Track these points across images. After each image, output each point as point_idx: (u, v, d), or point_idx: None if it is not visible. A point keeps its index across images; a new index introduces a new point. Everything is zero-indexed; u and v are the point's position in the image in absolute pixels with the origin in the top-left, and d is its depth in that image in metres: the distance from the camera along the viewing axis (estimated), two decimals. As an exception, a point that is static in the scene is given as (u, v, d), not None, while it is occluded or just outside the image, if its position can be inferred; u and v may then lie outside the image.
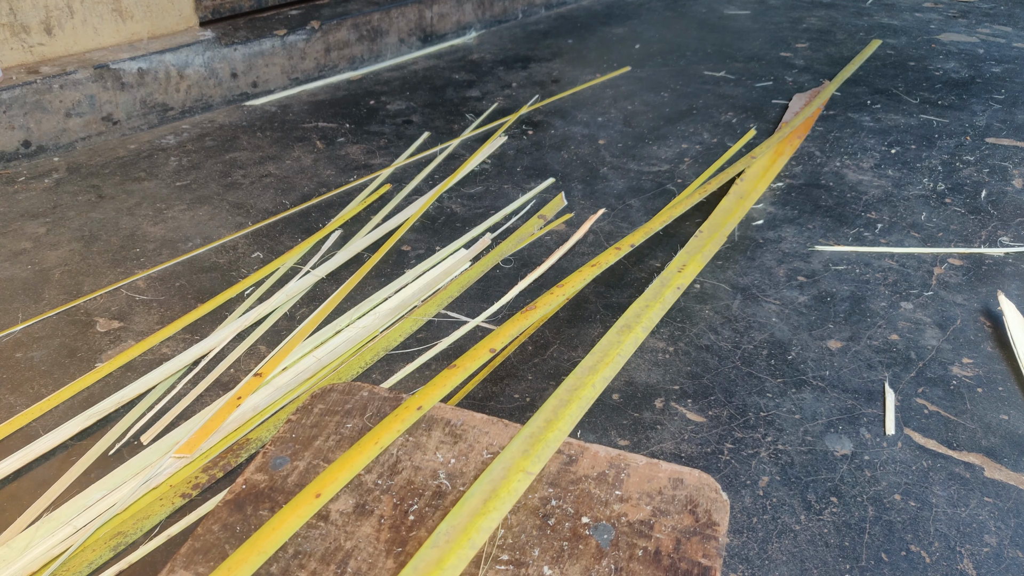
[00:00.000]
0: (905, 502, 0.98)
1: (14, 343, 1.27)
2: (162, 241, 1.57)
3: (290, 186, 1.81)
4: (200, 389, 1.17)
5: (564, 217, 1.65)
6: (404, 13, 2.67)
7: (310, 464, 0.92)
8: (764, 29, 3.03)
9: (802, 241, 1.57)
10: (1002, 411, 1.13)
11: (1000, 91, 2.35)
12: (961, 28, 3.01)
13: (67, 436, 1.08)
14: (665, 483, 0.88)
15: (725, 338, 1.28)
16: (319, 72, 2.48)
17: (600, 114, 2.22)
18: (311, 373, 1.20)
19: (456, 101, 2.32)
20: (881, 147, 1.99)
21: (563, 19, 3.21)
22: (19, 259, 1.51)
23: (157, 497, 0.98)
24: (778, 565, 0.90)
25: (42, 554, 0.90)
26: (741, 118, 2.17)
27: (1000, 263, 1.49)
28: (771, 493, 1.00)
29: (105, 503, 0.97)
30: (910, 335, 1.29)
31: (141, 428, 1.11)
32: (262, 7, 2.52)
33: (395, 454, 0.94)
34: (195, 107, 2.21)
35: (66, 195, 1.76)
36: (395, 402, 1.02)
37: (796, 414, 1.13)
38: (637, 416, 1.12)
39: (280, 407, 1.14)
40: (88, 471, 1.03)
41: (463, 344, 1.27)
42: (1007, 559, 0.91)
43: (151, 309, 1.36)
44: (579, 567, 0.79)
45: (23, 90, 1.86)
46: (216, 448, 1.06)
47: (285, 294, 1.38)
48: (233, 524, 0.84)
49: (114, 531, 0.94)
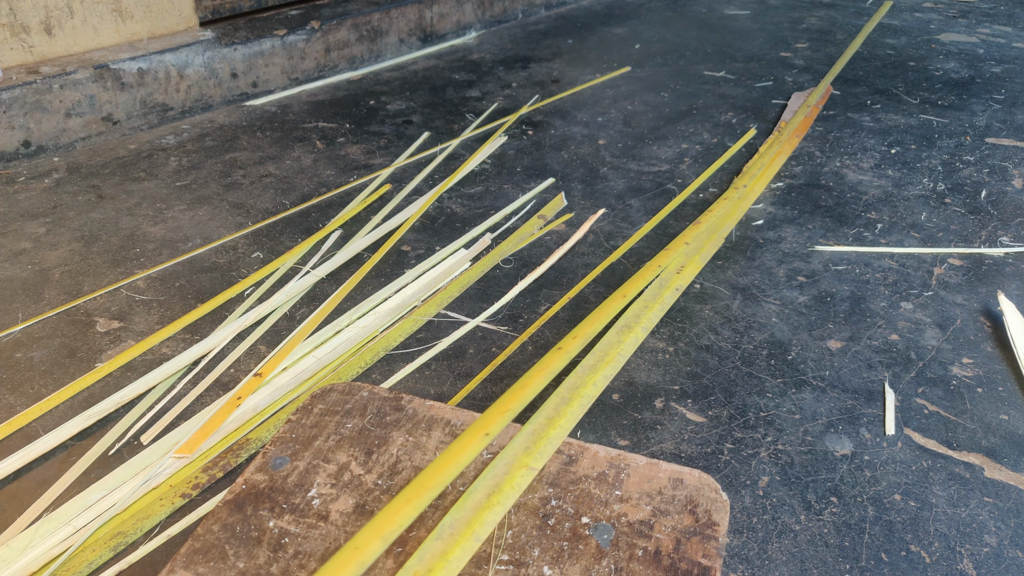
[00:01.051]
0: (905, 502, 0.98)
1: (14, 343, 1.27)
2: (162, 241, 1.57)
3: (290, 186, 1.81)
4: (200, 389, 1.17)
5: (564, 217, 1.64)
6: (404, 13, 2.67)
7: (310, 464, 0.92)
8: (764, 29, 3.03)
9: (802, 241, 1.57)
10: (1002, 411, 1.13)
11: (1000, 91, 2.35)
12: (961, 28, 3.01)
13: (67, 436, 1.08)
14: (665, 483, 0.88)
15: (725, 338, 1.28)
16: (319, 72, 2.48)
17: (600, 114, 2.22)
18: (311, 373, 1.20)
19: (456, 101, 2.32)
20: (881, 147, 1.99)
21: (563, 19, 3.20)
22: (19, 259, 1.51)
23: (157, 497, 0.99)
24: (778, 565, 0.90)
25: (42, 554, 0.90)
26: (741, 118, 2.17)
27: (1000, 263, 1.49)
28: (771, 493, 1.00)
29: (105, 503, 0.97)
30: (910, 335, 1.29)
31: (141, 428, 1.11)
32: (262, 7, 2.52)
33: (395, 454, 0.94)
34: (195, 107, 2.21)
35: (66, 195, 1.76)
36: (395, 402, 1.02)
37: (796, 414, 1.13)
38: (637, 416, 1.12)
39: (280, 407, 1.14)
40: (88, 471, 1.03)
41: (463, 344, 1.27)
42: (1007, 559, 0.91)
43: (151, 309, 1.36)
44: (579, 567, 0.79)
45: (23, 90, 1.86)
46: (216, 448, 1.06)
47: (285, 294, 1.38)
48: (233, 524, 0.84)
49: (114, 531, 0.94)
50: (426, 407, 1.01)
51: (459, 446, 0.92)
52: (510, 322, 1.32)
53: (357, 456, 0.93)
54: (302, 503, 0.87)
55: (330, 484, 0.89)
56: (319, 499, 0.87)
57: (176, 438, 1.07)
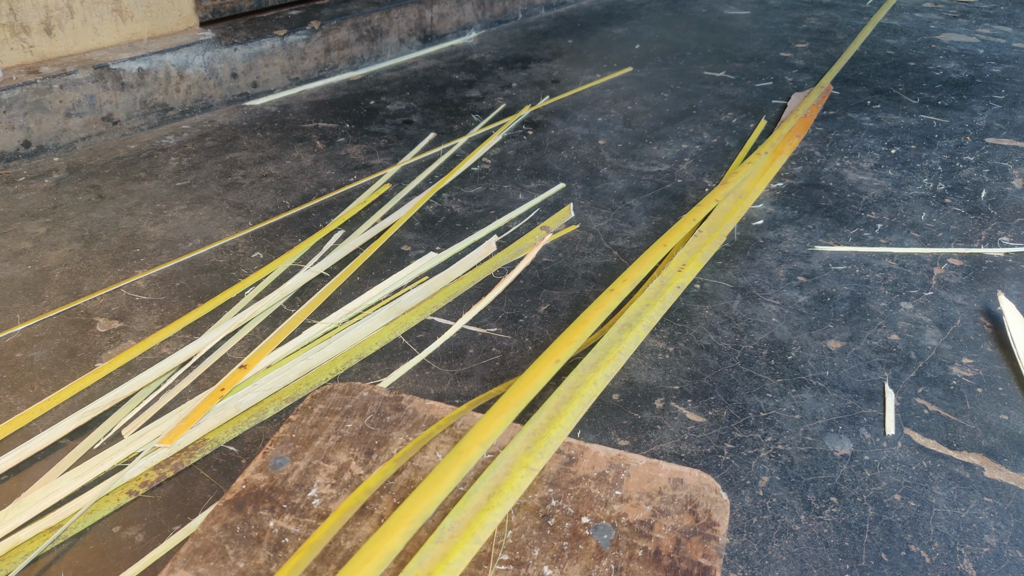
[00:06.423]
0: (905, 502, 0.98)
1: (14, 343, 1.27)
2: (162, 241, 1.57)
3: (290, 186, 1.81)
4: (184, 384, 1.17)
5: (569, 228, 1.62)
6: (404, 13, 2.67)
7: (310, 464, 0.92)
8: (764, 29, 3.03)
9: (802, 241, 1.57)
10: (1002, 411, 1.13)
11: (1000, 91, 2.35)
12: (961, 28, 3.01)
13: (62, 434, 1.08)
14: (665, 483, 0.88)
15: (725, 338, 1.28)
16: (319, 72, 2.48)
17: (600, 114, 2.22)
18: (298, 373, 1.20)
19: (456, 101, 2.32)
20: (881, 147, 1.99)
21: (563, 19, 3.21)
22: (19, 259, 1.51)
23: (104, 493, 0.98)
24: (778, 565, 0.90)
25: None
26: (741, 118, 2.17)
27: (1000, 263, 1.49)
28: (771, 493, 1.00)
29: (53, 498, 0.97)
30: (910, 335, 1.29)
31: (126, 423, 1.11)
32: (262, 7, 2.52)
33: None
34: (195, 107, 2.21)
35: (66, 195, 1.76)
36: (395, 402, 1.02)
37: (796, 414, 1.13)
38: (637, 416, 1.12)
39: (243, 409, 1.13)
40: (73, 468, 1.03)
41: (463, 344, 1.27)
42: (1007, 559, 0.91)
43: (151, 309, 1.36)
44: (579, 567, 0.78)
45: (23, 90, 1.86)
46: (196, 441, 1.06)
47: (282, 293, 1.38)
48: (233, 524, 0.84)
49: (57, 525, 0.93)
50: (426, 407, 1.01)
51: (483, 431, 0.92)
52: (510, 322, 1.32)
53: (357, 456, 0.93)
54: (302, 503, 0.87)
55: (330, 484, 0.89)
56: (319, 499, 0.87)
57: (157, 432, 1.07)
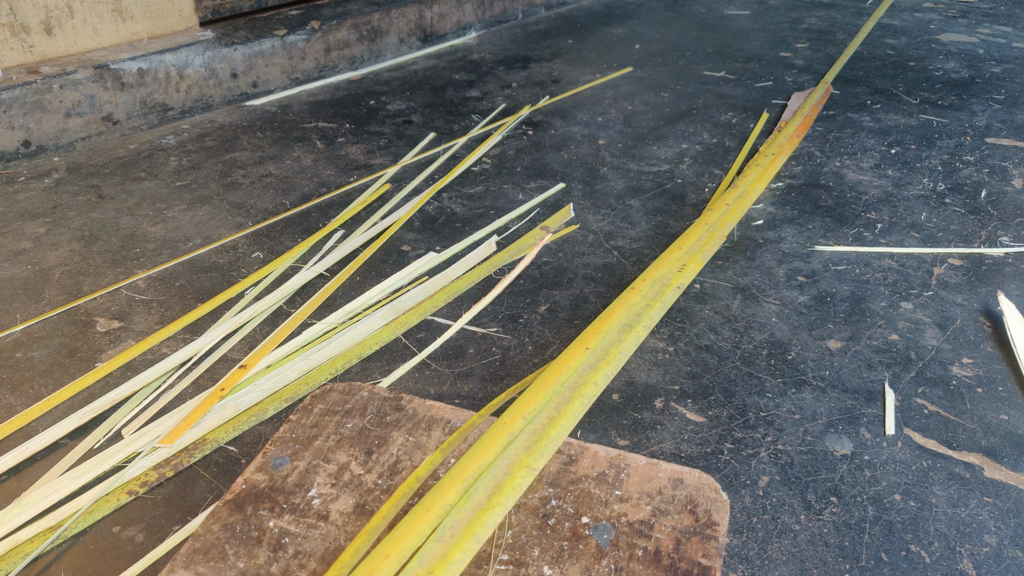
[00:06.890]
0: (905, 502, 0.98)
1: (14, 343, 1.27)
2: (162, 241, 1.57)
3: (290, 186, 1.81)
4: (184, 384, 1.17)
5: (569, 228, 1.62)
6: (404, 13, 2.67)
7: (310, 464, 0.92)
8: (764, 29, 3.03)
9: (802, 241, 1.57)
10: (1002, 411, 1.13)
11: (1000, 91, 2.35)
12: (961, 28, 3.01)
13: (61, 434, 1.08)
14: (665, 483, 0.88)
15: (725, 338, 1.28)
16: (319, 72, 2.47)
17: (600, 114, 2.22)
18: (298, 373, 1.20)
19: (456, 101, 2.32)
20: (881, 147, 1.99)
21: (563, 19, 3.21)
22: (19, 259, 1.51)
23: (104, 493, 0.98)
24: (778, 565, 0.90)
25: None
26: (741, 118, 2.17)
27: (1000, 263, 1.49)
28: (771, 493, 1.00)
29: (53, 498, 0.97)
30: (910, 335, 1.29)
31: (126, 423, 1.11)
32: (262, 7, 2.52)
33: (395, 454, 0.93)
34: (195, 107, 2.21)
35: (66, 195, 1.76)
36: (395, 402, 1.02)
37: (796, 414, 1.13)
38: (637, 416, 1.12)
39: (253, 402, 1.13)
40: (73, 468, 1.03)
41: (463, 344, 1.27)
42: (1007, 559, 0.91)
43: (151, 309, 1.36)
44: (579, 567, 0.78)
45: (23, 90, 1.86)
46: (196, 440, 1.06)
47: (282, 293, 1.38)
48: (233, 524, 0.84)
49: (57, 525, 0.93)
50: (426, 407, 1.01)
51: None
52: (510, 322, 1.32)
53: (357, 456, 0.93)
54: (302, 503, 0.87)
55: (330, 484, 0.89)
56: (319, 499, 0.87)
57: (157, 432, 1.07)
